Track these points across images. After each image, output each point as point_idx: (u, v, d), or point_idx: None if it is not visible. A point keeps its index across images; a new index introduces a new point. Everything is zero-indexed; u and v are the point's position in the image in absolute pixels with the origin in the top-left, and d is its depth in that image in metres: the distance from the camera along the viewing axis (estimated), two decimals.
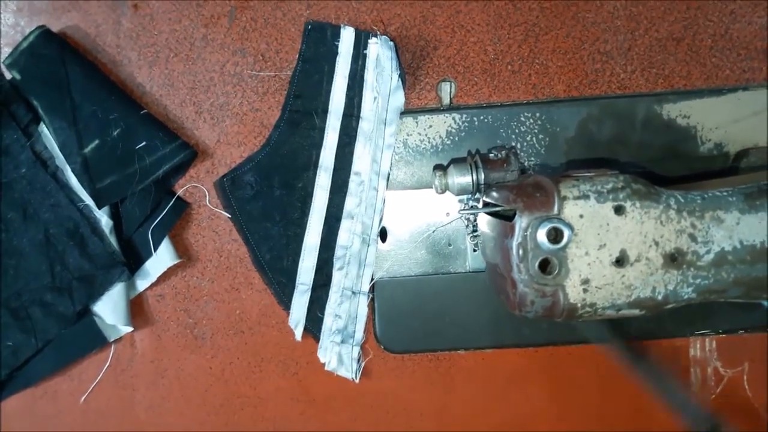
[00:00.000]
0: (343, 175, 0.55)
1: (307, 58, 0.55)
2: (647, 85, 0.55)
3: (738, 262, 0.39)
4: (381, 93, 0.53)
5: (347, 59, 0.54)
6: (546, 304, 0.39)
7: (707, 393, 0.57)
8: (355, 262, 0.54)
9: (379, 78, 0.53)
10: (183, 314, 0.57)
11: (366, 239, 0.55)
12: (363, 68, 0.54)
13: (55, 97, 0.53)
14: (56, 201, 0.54)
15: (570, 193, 0.38)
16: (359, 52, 0.54)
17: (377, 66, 0.53)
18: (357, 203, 0.54)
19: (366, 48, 0.54)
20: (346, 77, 0.54)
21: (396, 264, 0.56)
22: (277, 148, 0.55)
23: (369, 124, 0.54)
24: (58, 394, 0.58)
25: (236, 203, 0.55)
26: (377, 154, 0.54)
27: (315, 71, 0.55)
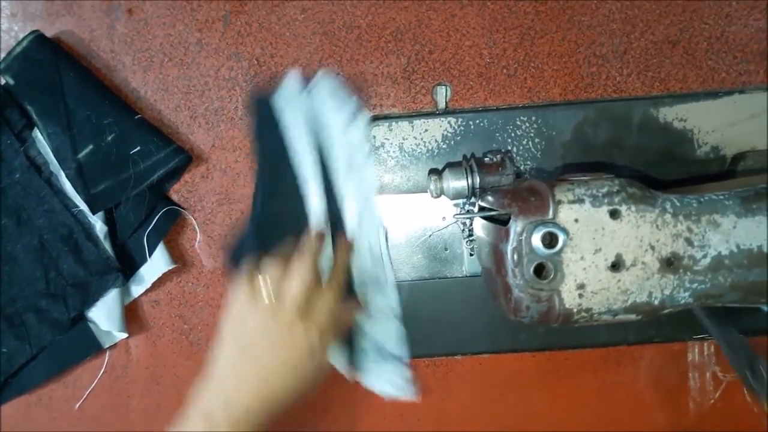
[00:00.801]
0: (334, 206, 0.51)
1: (260, 130, 0.51)
2: (643, 89, 0.55)
3: (735, 267, 0.38)
4: (341, 129, 0.50)
5: (297, 115, 0.50)
6: (541, 309, 0.38)
7: (706, 398, 0.57)
8: (371, 281, 0.52)
9: (334, 117, 0.50)
10: (178, 320, 0.57)
11: (376, 256, 0.53)
12: (315, 116, 0.51)
13: (49, 102, 0.53)
14: (50, 206, 0.54)
15: (565, 197, 0.38)
16: (306, 101, 0.51)
17: (328, 106, 0.50)
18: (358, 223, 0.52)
19: (311, 92, 0.50)
20: (302, 133, 0.50)
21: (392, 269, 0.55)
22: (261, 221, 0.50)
23: (342, 162, 0.50)
24: (52, 401, 0.57)
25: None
26: (361, 184, 0.51)
27: (268, 138, 0.51)
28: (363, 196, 0.51)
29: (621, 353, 0.56)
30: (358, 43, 0.55)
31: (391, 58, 0.55)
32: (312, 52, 0.55)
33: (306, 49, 0.55)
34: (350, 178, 0.51)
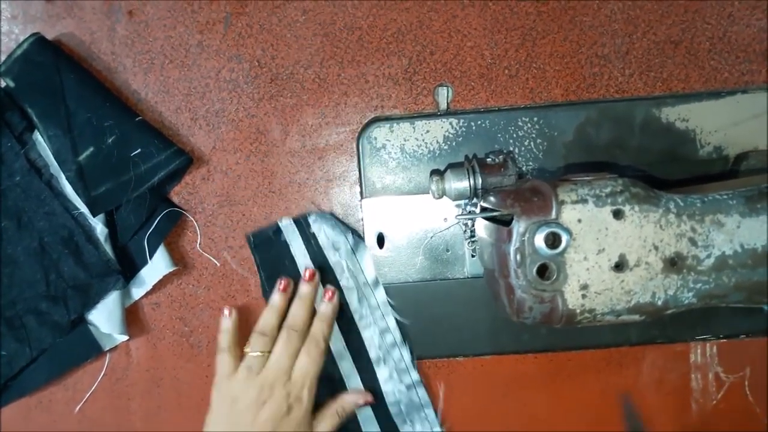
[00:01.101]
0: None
1: (266, 264, 0.55)
2: (645, 89, 0.55)
3: (739, 267, 0.38)
4: (346, 257, 0.54)
5: (300, 246, 0.55)
6: (544, 310, 0.38)
7: (708, 399, 0.56)
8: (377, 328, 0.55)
9: (337, 246, 0.54)
10: (179, 322, 0.57)
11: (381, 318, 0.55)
12: (318, 246, 0.55)
13: (49, 104, 0.53)
14: (51, 209, 0.54)
15: (568, 197, 0.38)
16: (306, 233, 0.55)
17: (328, 238, 0.54)
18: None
19: (310, 227, 0.55)
20: (309, 261, 0.55)
21: (393, 270, 0.55)
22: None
23: (352, 292, 0.55)
24: (52, 404, 0.57)
25: None
26: (374, 310, 0.55)
27: (278, 271, 0.55)
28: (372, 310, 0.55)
29: (623, 354, 0.56)
30: (359, 44, 0.55)
31: (392, 59, 0.55)
32: (313, 53, 0.55)
33: (307, 50, 0.55)
34: (361, 298, 0.55)
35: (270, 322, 0.51)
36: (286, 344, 0.50)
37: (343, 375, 0.54)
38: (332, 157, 0.56)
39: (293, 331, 0.51)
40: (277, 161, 0.56)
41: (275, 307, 0.52)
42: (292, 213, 0.56)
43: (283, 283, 0.52)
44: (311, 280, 0.53)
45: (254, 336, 0.51)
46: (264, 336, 0.50)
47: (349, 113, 0.55)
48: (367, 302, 0.54)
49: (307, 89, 0.55)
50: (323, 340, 0.51)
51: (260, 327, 0.51)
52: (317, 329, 0.51)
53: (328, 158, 0.56)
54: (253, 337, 0.51)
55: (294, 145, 0.56)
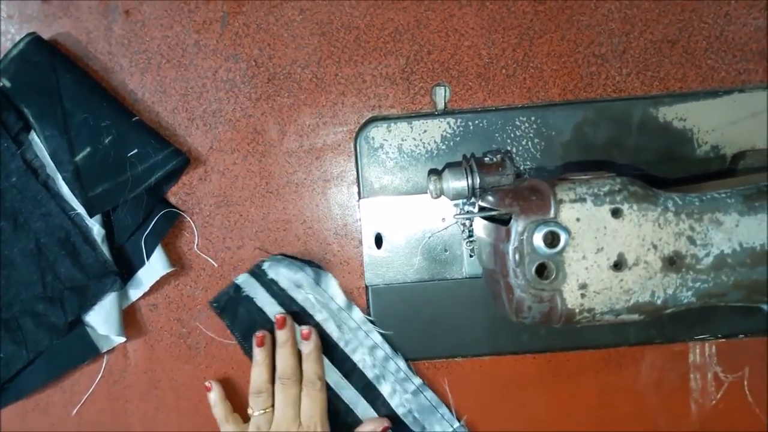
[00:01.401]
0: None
1: (237, 325, 0.55)
2: (643, 88, 0.55)
3: (738, 265, 0.38)
4: (312, 291, 0.55)
5: (264, 295, 0.55)
6: (543, 309, 0.38)
7: (707, 399, 0.56)
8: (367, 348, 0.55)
9: (298, 284, 0.55)
10: (176, 324, 0.57)
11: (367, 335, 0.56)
12: (281, 290, 0.55)
13: (45, 104, 0.53)
14: (47, 210, 0.54)
15: (566, 196, 0.38)
16: (265, 282, 0.55)
17: (288, 279, 0.54)
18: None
19: (266, 275, 0.55)
20: (278, 307, 0.55)
21: (391, 270, 0.55)
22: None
23: (329, 322, 0.55)
24: (50, 407, 0.57)
25: None
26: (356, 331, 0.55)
27: (251, 327, 0.55)
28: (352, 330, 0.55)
29: (622, 354, 0.56)
30: (356, 43, 0.55)
31: (389, 58, 0.55)
32: (310, 53, 0.55)
33: (304, 50, 0.55)
34: (338, 320, 0.55)
35: (261, 379, 0.52)
36: (284, 394, 0.51)
37: (348, 404, 0.54)
38: (330, 157, 0.56)
39: (286, 380, 0.52)
40: (274, 161, 0.56)
41: (260, 362, 0.52)
42: (289, 214, 0.56)
43: (258, 337, 0.53)
44: (284, 325, 0.53)
45: (252, 397, 0.52)
46: (260, 394, 0.52)
47: (346, 113, 0.55)
48: (347, 326, 0.54)
49: (305, 89, 0.55)
50: (318, 378, 0.52)
51: (254, 387, 0.52)
52: (308, 370, 0.52)
53: (325, 158, 0.56)
54: (252, 399, 0.52)
55: (291, 145, 0.55)
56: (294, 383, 0.52)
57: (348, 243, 0.56)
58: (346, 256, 0.56)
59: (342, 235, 0.56)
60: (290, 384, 0.52)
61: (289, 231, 0.56)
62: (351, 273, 0.56)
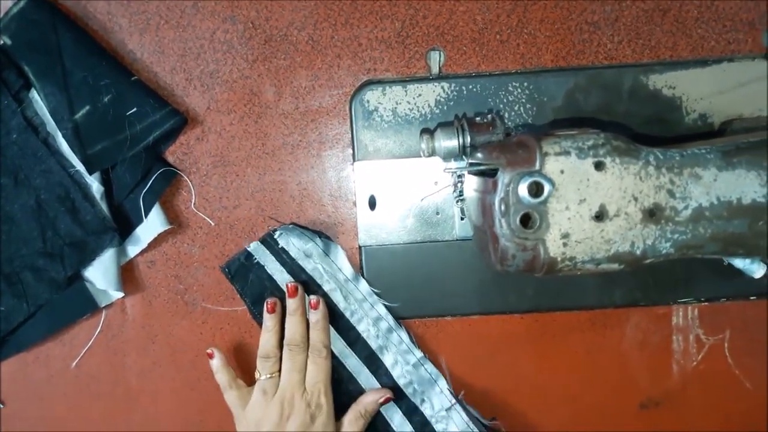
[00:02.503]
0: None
1: (247, 291, 0.57)
2: (633, 56, 0.56)
3: (715, 218, 0.39)
4: (320, 261, 0.56)
5: (274, 263, 0.56)
6: (527, 257, 0.39)
7: (689, 360, 0.58)
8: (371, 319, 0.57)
9: (308, 253, 0.56)
10: (174, 280, 0.58)
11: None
12: (291, 259, 0.56)
13: (46, 62, 0.53)
14: (47, 167, 0.55)
15: (551, 149, 0.39)
16: (276, 250, 0.56)
17: (298, 249, 0.56)
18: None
19: (278, 244, 0.56)
20: (287, 275, 0.56)
21: (384, 232, 0.56)
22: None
23: (336, 292, 0.56)
24: (49, 359, 0.58)
25: None
26: (360, 300, 0.57)
27: (261, 293, 0.56)
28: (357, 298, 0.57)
29: (608, 316, 0.58)
30: (352, 6, 0.55)
31: (385, 22, 0.55)
32: (307, 15, 0.55)
33: (301, 12, 0.55)
34: (344, 291, 0.57)
35: (270, 344, 0.54)
36: (291, 360, 0.53)
37: (351, 372, 0.56)
38: (325, 120, 0.57)
39: (294, 346, 0.53)
40: (270, 123, 0.57)
41: (269, 328, 0.54)
42: (284, 175, 0.57)
43: (270, 304, 0.54)
44: (295, 294, 0.54)
45: (260, 361, 0.54)
46: (269, 359, 0.53)
47: (341, 76, 0.56)
48: (353, 297, 0.56)
49: (301, 51, 0.56)
50: (324, 346, 0.54)
51: (262, 351, 0.54)
52: (315, 338, 0.54)
53: (320, 120, 0.57)
54: (259, 363, 0.54)
55: (287, 107, 0.56)
56: (301, 350, 0.53)
57: (342, 205, 0.57)
58: (340, 218, 0.57)
59: (336, 196, 0.57)
60: (298, 351, 0.53)
61: (285, 192, 0.57)
62: (345, 234, 0.58)
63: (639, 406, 0.59)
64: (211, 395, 0.59)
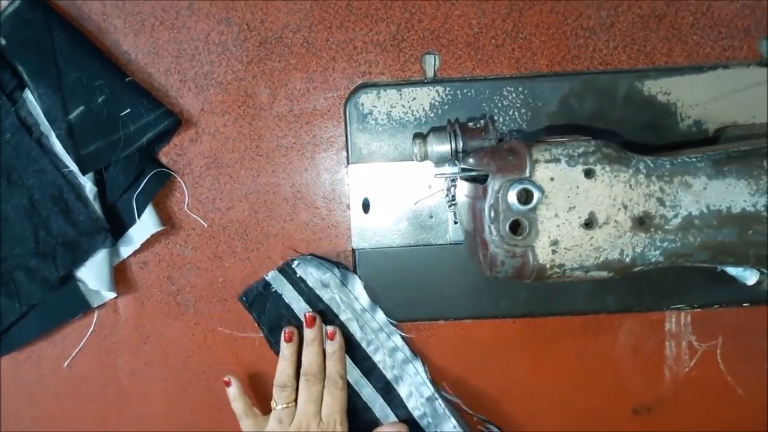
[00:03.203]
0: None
1: (264, 319, 0.57)
2: (629, 62, 0.56)
3: (704, 227, 0.39)
4: (338, 291, 0.56)
5: (292, 293, 0.56)
6: (516, 264, 0.39)
7: (681, 366, 0.58)
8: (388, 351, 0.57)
9: (326, 283, 0.56)
10: (166, 281, 0.58)
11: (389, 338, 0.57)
12: (309, 288, 0.56)
13: (40, 62, 0.53)
14: (41, 167, 0.55)
15: (542, 156, 0.39)
16: (294, 279, 0.56)
17: (316, 278, 0.56)
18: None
19: (296, 273, 0.56)
20: (305, 305, 0.56)
21: (378, 235, 0.56)
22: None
23: (353, 322, 0.56)
24: (42, 359, 0.58)
25: None
26: (374, 328, 0.56)
27: (278, 322, 0.56)
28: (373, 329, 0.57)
29: (600, 321, 0.58)
30: (348, 9, 0.55)
31: (380, 25, 0.55)
32: (302, 17, 0.55)
33: (296, 14, 0.55)
34: (360, 321, 0.56)
35: (286, 374, 0.54)
36: (308, 391, 0.53)
37: (366, 402, 0.56)
38: (319, 122, 0.57)
39: (311, 376, 0.53)
40: (264, 125, 0.57)
41: (287, 357, 0.54)
42: (278, 177, 0.57)
43: (287, 333, 0.54)
44: (313, 324, 0.54)
45: (276, 390, 0.54)
46: (285, 388, 0.53)
47: (336, 78, 0.56)
48: (370, 327, 0.56)
49: (296, 53, 0.56)
50: (340, 377, 0.54)
51: (279, 381, 0.54)
52: (332, 369, 0.54)
53: (315, 123, 0.57)
54: (276, 392, 0.54)
55: (281, 109, 0.56)
56: (318, 380, 0.53)
57: (336, 207, 0.57)
58: (333, 220, 0.57)
59: (330, 199, 0.57)
60: (314, 381, 0.53)
61: (278, 194, 0.57)
62: (338, 237, 0.58)
63: (631, 411, 0.59)
64: (203, 396, 0.59)
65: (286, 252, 0.57)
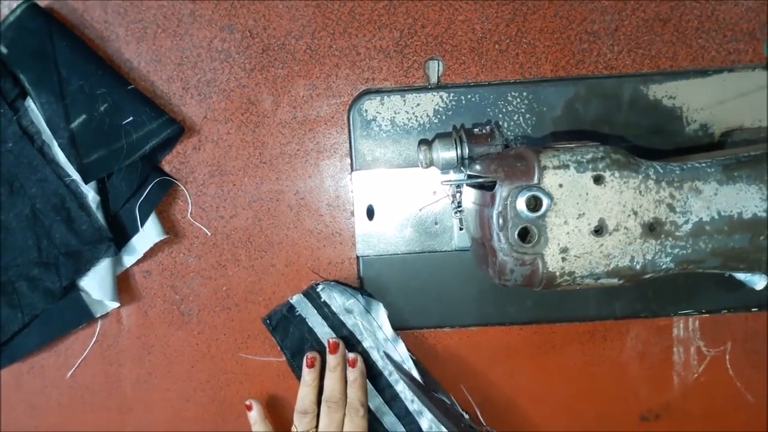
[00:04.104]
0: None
1: (287, 343, 0.56)
2: (634, 66, 0.56)
3: (715, 233, 0.39)
4: (361, 318, 0.55)
5: (316, 317, 0.56)
6: (525, 272, 0.39)
7: (690, 372, 0.58)
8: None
9: (350, 309, 0.55)
10: (170, 290, 0.57)
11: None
12: (333, 313, 0.55)
13: (42, 71, 0.53)
14: (43, 176, 0.54)
15: (550, 162, 0.39)
16: (318, 303, 0.56)
17: (340, 304, 0.55)
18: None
19: (320, 297, 0.56)
20: (328, 329, 0.55)
21: (383, 242, 0.56)
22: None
23: (374, 350, 0.55)
24: (44, 369, 0.58)
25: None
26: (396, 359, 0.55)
27: (301, 347, 0.56)
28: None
29: (608, 328, 0.57)
30: (350, 16, 0.55)
31: (383, 31, 0.55)
32: (305, 24, 0.55)
33: (299, 21, 0.55)
34: (380, 349, 0.55)
35: (309, 400, 0.53)
36: (330, 417, 0.52)
37: (388, 430, 0.55)
38: (323, 129, 0.56)
39: (333, 403, 0.53)
40: (267, 132, 0.56)
41: (308, 383, 0.53)
42: (282, 184, 0.57)
43: (309, 359, 0.54)
44: (336, 350, 0.54)
45: (297, 416, 0.53)
46: (306, 414, 0.53)
47: (340, 85, 0.56)
48: (390, 358, 0.55)
49: (299, 60, 0.56)
50: (361, 405, 0.53)
51: (300, 407, 0.53)
52: (353, 397, 0.53)
53: (318, 130, 0.56)
54: (297, 418, 0.53)
55: (285, 116, 0.56)
56: (340, 407, 0.53)
57: (340, 214, 0.57)
58: (338, 227, 0.57)
59: (334, 206, 0.57)
60: (336, 408, 0.53)
61: (282, 201, 0.57)
62: (342, 244, 0.57)
63: (639, 418, 0.58)
64: (207, 406, 0.58)
65: (290, 259, 0.57)
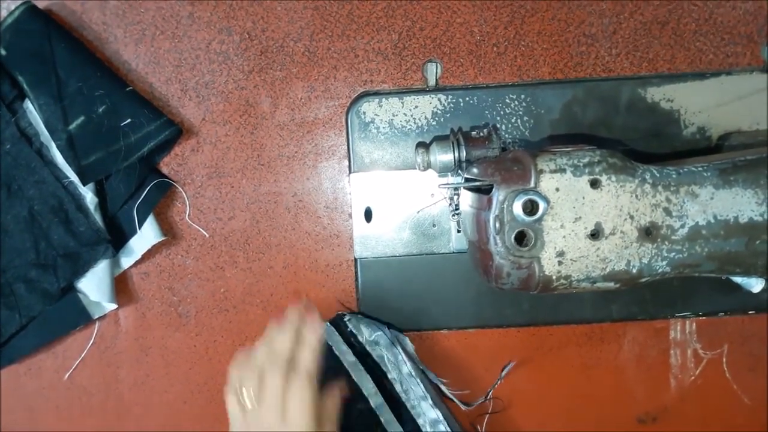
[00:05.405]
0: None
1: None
2: (632, 69, 0.56)
3: (712, 237, 0.39)
4: (386, 350, 0.54)
5: (342, 345, 0.54)
6: (522, 275, 0.39)
7: (686, 375, 0.58)
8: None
9: (376, 341, 0.55)
10: (167, 292, 0.57)
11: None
12: (359, 342, 0.55)
13: (40, 73, 0.53)
14: (41, 177, 0.54)
15: (547, 166, 0.39)
16: (345, 333, 0.55)
17: (367, 335, 0.55)
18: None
19: (347, 327, 0.55)
20: (354, 357, 0.54)
21: (380, 244, 0.56)
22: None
23: (398, 383, 0.54)
24: (42, 371, 0.58)
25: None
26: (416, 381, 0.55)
27: (324, 373, 0.50)
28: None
29: (605, 330, 0.57)
30: (349, 18, 0.55)
31: (382, 34, 0.55)
32: (303, 26, 0.55)
33: (297, 23, 0.55)
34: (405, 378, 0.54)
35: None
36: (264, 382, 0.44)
37: None
38: (321, 131, 0.56)
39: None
40: (266, 134, 0.56)
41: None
42: (280, 186, 0.57)
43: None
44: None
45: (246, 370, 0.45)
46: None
47: (338, 87, 0.56)
48: (414, 393, 0.54)
49: (297, 62, 0.56)
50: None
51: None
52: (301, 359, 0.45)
53: (316, 132, 0.56)
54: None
55: (283, 118, 0.56)
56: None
57: (338, 216, 0.57)
58: (336, 230, 0.57)
59: (332, 208, 0.57)
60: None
61: (280, 203, 0.57)
62: (340, 246, 0.57)
63: (636, 420, 0.59)
64: (204, 408, 0.58)
65: (288, 261, 0.57)
